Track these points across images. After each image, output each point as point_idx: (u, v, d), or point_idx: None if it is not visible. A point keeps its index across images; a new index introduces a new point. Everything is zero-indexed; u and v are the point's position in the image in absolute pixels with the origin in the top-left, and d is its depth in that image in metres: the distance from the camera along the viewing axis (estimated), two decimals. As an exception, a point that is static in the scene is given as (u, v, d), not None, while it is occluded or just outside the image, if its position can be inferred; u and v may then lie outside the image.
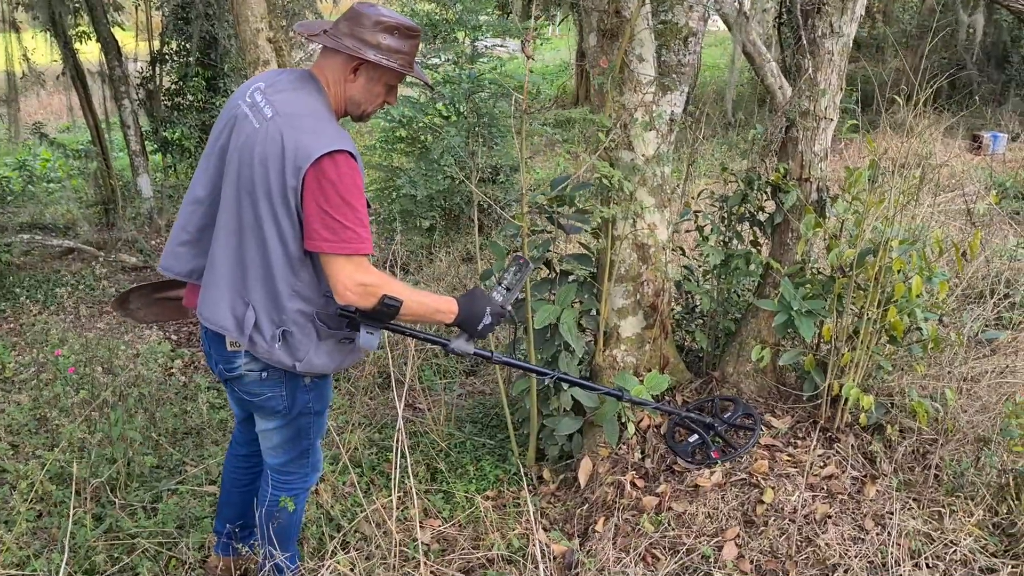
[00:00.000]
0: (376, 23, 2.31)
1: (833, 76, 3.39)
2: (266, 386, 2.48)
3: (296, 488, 2.75)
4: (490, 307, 2.54)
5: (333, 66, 2.36)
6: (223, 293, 2.35)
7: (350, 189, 2.18)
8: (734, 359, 3.70)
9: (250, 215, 2.26)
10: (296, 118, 2.23)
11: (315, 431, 2.68)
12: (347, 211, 2.17)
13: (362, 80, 2.37)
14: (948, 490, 2.96)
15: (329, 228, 2.18)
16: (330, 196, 2.16)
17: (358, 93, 2.39)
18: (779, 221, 3.58)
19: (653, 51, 3.31)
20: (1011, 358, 4.06)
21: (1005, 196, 8.02)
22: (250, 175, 2.24)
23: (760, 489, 3.08)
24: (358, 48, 2.30)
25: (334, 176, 2.16)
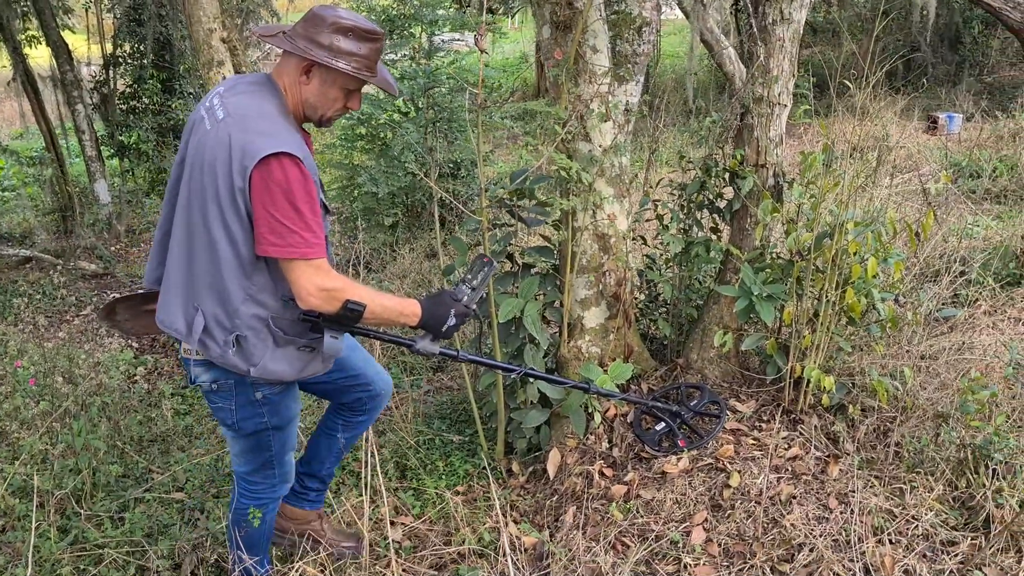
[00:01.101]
0: (330, 24, 2.25)
1: (785, 62, 3.42)
2: (217, 397, 2.46)
3: (263, 498, 2.72)
4: (454, 308, 2.52)
5: (289, 68, 2.32)
6: (176, 298, 2.34)
7: (297, 192, 2.15)
8: (697, 345, 3.73)
9: (199, 218, 2.24)
10: (246, 119, 2.20)
11: (277, 445, 2.64)
12: (293, 215, 2.15)
13: (315, 83, 2.31)
14: (909, 466, 3.01)
15: (275, 232, 2.15)
16: (276, 199, 2.13)
17: (312, 96, 2.34)
18: (737, 207, 3.62)
19: (607, 42, 3.32)
20: (968, 334, 4.14)
21: (960, 175, 8.15)
22: (200, 178, 2.22)
23: (726, 473, 3.11)
24: (308, 49, 2.25)
25: (280, 178, 2.13)
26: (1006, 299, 4.63)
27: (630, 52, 3.48)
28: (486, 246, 3.29)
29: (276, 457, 2.66)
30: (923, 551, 2.65)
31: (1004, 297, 4.63)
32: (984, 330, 4.26)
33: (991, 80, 12.64)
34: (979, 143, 9.14)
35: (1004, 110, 10.28)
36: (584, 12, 3.16)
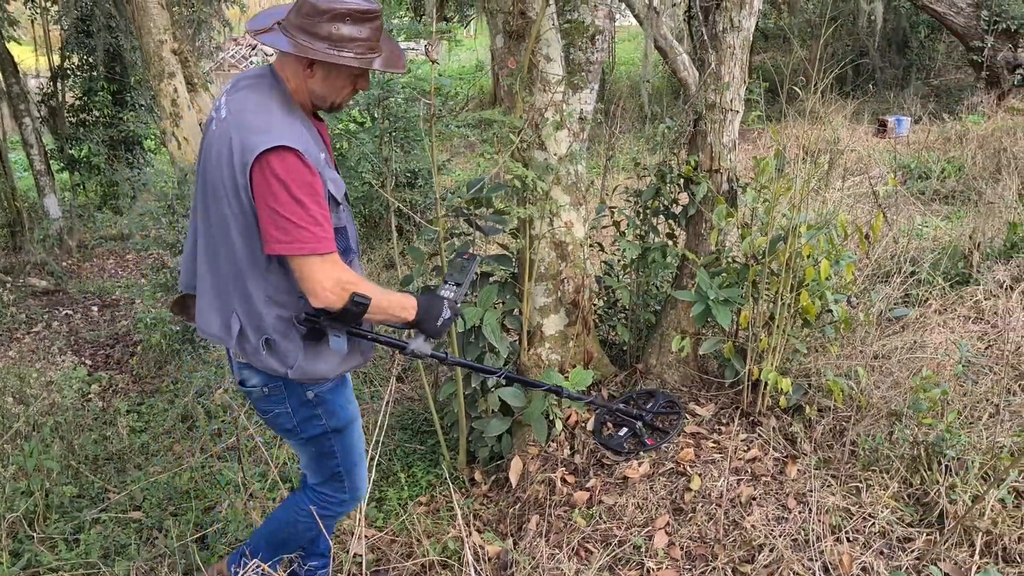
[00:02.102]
0: (325, 11, 2.11)
1: (736, 69, 3.47)
2: (272, 402, 2.39)
3: (327, 512, 2.61)
4: (446, 303, 2.45)
5: (290, 60, 2.21)
6: (210, 303, 2.29)
7: (300, 185, 2.06)
8: (656, 350, 3.76)
9: (217, 219, 2.19)
10: (244, 114, 2.13)
11: (343, 450, 2.54)
12: (297, 208, 2.05)
13: (320, 74, 2.21)
14: (864, 465, 3.06)
15: (280, 228, 2.06)
16: (278, 194, 2.05)
17: (319, 87, 2.23)
18: (692, 213, 3.66)
19: (560, 50, 3.34)
20: (919, 333, 4.22)
21: (910, 177, 8.32)
22: (212, 180, 2.17)
23: (687, 477, 3.13)
24: (308, 43, 2.12)
25: (281, 172, 2.04)
26: (955, 298, 4.73)
27: (584, 60, 3.51)
28: (442, 256, 3.28)
29: (343, 467, 2.55)
30: (880, 548, 2.69)
31: (954, 296, 4.73)
32: (935, 329, 4.35)
33: (937, 83, 12.94)
34: (927, 145, 9.34)
35: (951, 112, 10.53)
36: (537, 21, 3.17)
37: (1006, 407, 3.39)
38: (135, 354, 6.12)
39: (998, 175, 7.49)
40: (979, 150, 8.55)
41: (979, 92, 10.91)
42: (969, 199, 7.32)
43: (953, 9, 10.77)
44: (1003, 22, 10.40)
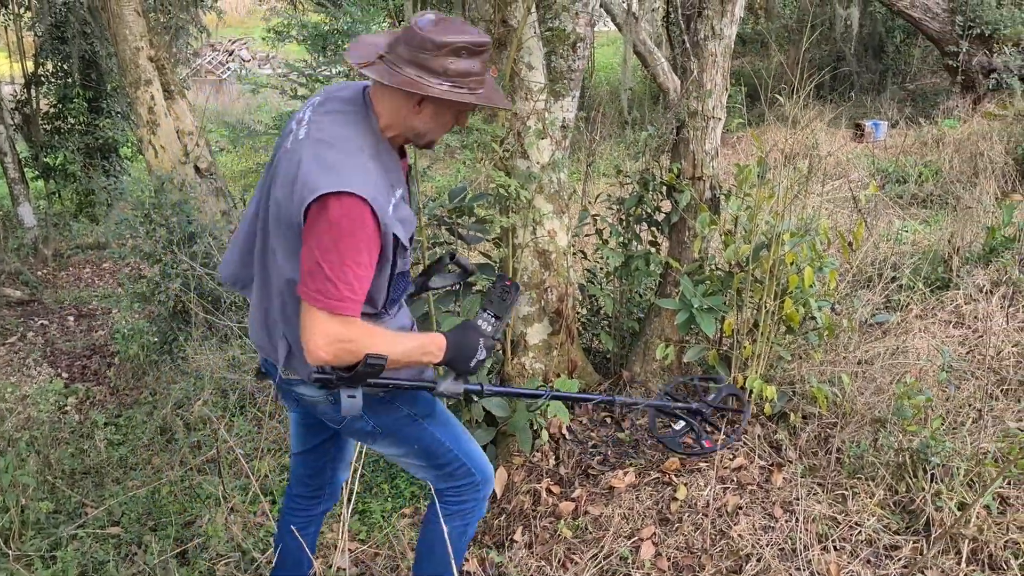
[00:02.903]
0: (441, 45, 1.93)
1: (718, 76, 3.47)
2: (339, 410, 2.15)
3: (468, 505, 2.42)
4: (483, 339, 2.21)
5: (392, 95, 2.02)
6: (259, 317, 2.17)
7: (349, 241, 1.90)
8: (640, 358, 3.75)
9: (273, 231, 2.05)
10: (321, 146, 1.96)
11: (446, 435, 2.34)
12: (333, 259, 1.89)
13: (428, 111, 2.04)
14: (849, 472, 3.05)
15: (310, 272, 1.92)
16: (322, 238, 1.90)
17: (423, 124, 2.07)
18: (675, 220, 3.65)
19: (542, 58, 3.32)
20: (901, 338, 4.23)
21: (888, 181, 8.38)
22: (275, 197, 2.03)
23: (673, 486, 3.12)
24: (422, 78, 1.94)
25: (335, 218, 1.88)
26: (936, 302, 4.75)
27: (565, 68, 3.50)
28: (424, 263, 3.25)
29: (457, 449, 2.34)
30: (867, 557, 2.69)
31: (934, 301, 4.75)
32: (916, 334, 4.37)
33: (913, 87, 13.04)
34: (904, 149, 9.41)
35: (927, 117, 10.61)
36: (518, 29, 3.16)
37: (989, 412, 3.40)
38: (112, 365, 6.04)
39: (975, 179, 7.56)
40: (956, 154, 8.62)
41: (954, 96, 11.00)
42: (947, 203, 7.38)
43: (928, 14, 10.87)
44: (977, 27, 10.50)
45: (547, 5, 3.39)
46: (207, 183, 7.14)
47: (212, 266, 5.55)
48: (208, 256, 5.60)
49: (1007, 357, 4.00)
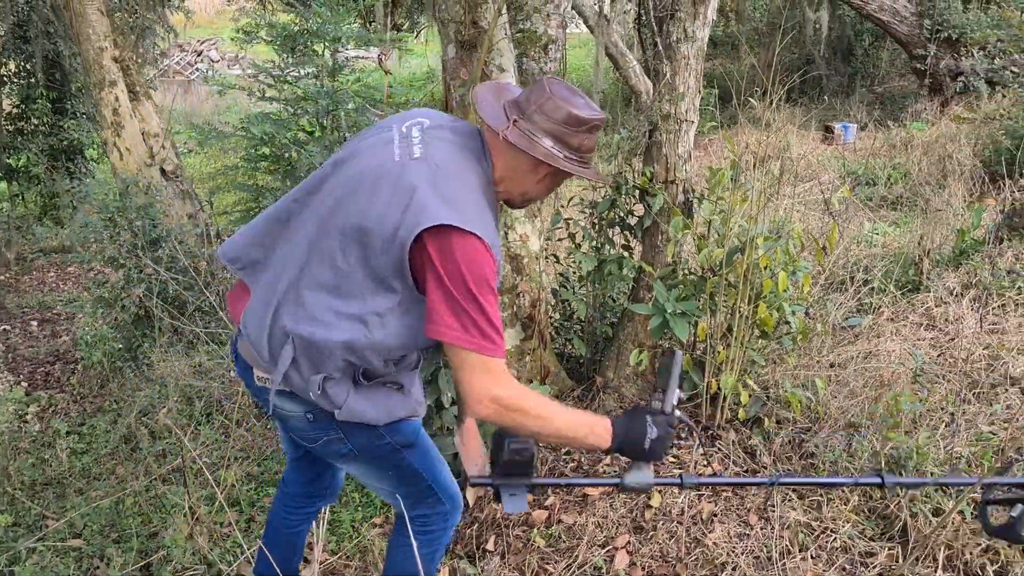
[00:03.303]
0: (583, 122, 1.94)
1: (691, 79, 3.44)
2: (318, 428, 2.09)
3: (435, 529, 2.35)
4: (651, 418, 2.01)
5: (517, 156, 1.96)
6: (266, 314, 2.00)
7: (479, 280, 1.81)
8: (613, 364, 3.71)
9: (335, 243, 1.92)
10: (444, 176, 1.87)
11: (422, 465, 2.25)
12: (473, 304, 1.80)
13: (548, 179, 2.03)
14: (825, 478, 3.04)
15: (456, 316, 1.81)
16: (455, 280, 1.80)
17: (535, 190, 2.06)
18: (648, 224, 3.61)
19: (513, 60, 3.27)
20: (873, 342, 4.24)
21: (858, 183, 8.43)
22: (357, 207, 1.90)
23: (647, 494, 3.08)
24: (559, 152, 1.93)
25: (461, 257, 1.79)
26: (907, 305, 4.77)
27: (537, 70, 3.46)
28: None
29: (430, 479, 2.27)
30: (843, 564, 2.67)
31: (905, 303, 4.76)
32: (889, 337, 4.37)
33: (882, 90, 13.17)
34: (873, 152, 9.48)
35: (895, 119, 10.70)
36: (489, 31, 3.11)
37: (961, 416, 3.40)
38: (75, 372, 5.91)
39: (944, 181, 7.62)
40: (924, 156, 8.70)
41: (923, 99, 11.11)
42: (916, 205, 7.43)
43: (897, 18, 10.97)
44: (945, 31, 10.61)
45: (518, 7, 3.35)
46: (173, 186, 7.02)
47: (177, 270, 5.45)
48: (173, 260, 5.49)
49: (978, 360, 4.02)
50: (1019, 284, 4.71)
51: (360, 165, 1.96)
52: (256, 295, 2.06)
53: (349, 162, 2.00)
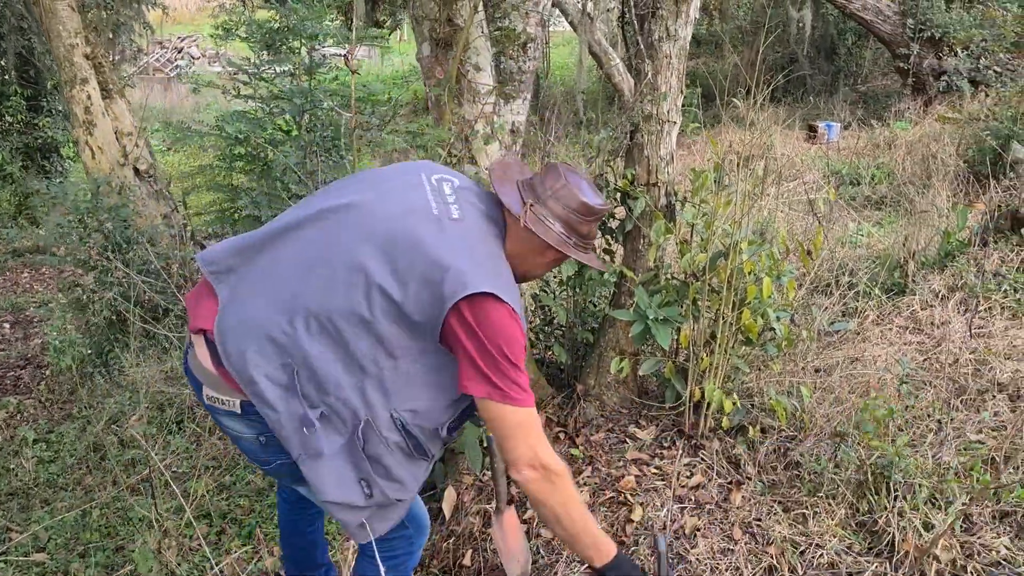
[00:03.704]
0: (594, 212, 2.05)
1: (673, 79, 3.35)
2: (271, 452, 2.01)
3: (399, 554, 2.27)
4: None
5: (532, 240, 2.02)
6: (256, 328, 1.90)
7: (512, 346, 1.84)
8: (595, 371, 3.62)
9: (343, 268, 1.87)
10: (478, 242, 1.91)
11: None
12: (512, 368, 1.84)
13: (551, 259, 2.11)
14: (810, 490, 2.95)
15: (497, 370, 1.83)
16: (492, 342, 1.81)
17: (538, 268, 2.14)
18: (630, 228, 3.52)
19: (490, 59, 3.17)
20: (859, 346, 4.17)
21: (842, 183, 8.38)
22: (391, 250, 1.85)
23: (629, 507, 2.99)
24: (568, 239, 2.03)
25: (497, 324, 1.82)
26: (892, 308, 4.71)
27: (515, 69, 3.35)
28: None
29: None
30: (829, 581, 2.58)
31: (891, 306, 4.70)
32: (874, 340, 4.31)
33: (865, 89, 13.14)
34: (857, 151, 9.44)
35: (879, 118, 10.67)
36: (465, 28, 3.01)
37: (949, 423, 3.33)
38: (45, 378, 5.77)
39: (927, 181, 7.58)
40: (908, 156, 8.66)
41: (906, 98, 11.09)
42: (899, 204, 7.39)
43: (880, 17, 10.94)
44: (928, 30, 10.58)
45: (496, 4, 3.24)
46: (147, 186, 6.86)
47: (149, 273, 5.31)
48: (146, 263, 5.36)
49: (964, 364, 3.95)
50: (1005, 287, 4.65)
51: (393, 217, 1.90)
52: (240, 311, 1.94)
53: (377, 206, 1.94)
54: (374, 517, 2.00)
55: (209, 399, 2.01)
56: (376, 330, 1.83)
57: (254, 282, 1.95)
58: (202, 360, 1.98)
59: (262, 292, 1.92)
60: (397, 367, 1.88)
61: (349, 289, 1.83)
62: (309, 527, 2.59)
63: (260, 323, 1.88)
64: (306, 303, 1.86)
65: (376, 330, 1.83)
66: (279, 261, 1.94)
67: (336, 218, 1.94)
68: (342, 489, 1.93)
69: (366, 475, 1.93)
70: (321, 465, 1.91)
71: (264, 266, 1.96)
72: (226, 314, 1.93)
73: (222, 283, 1.98)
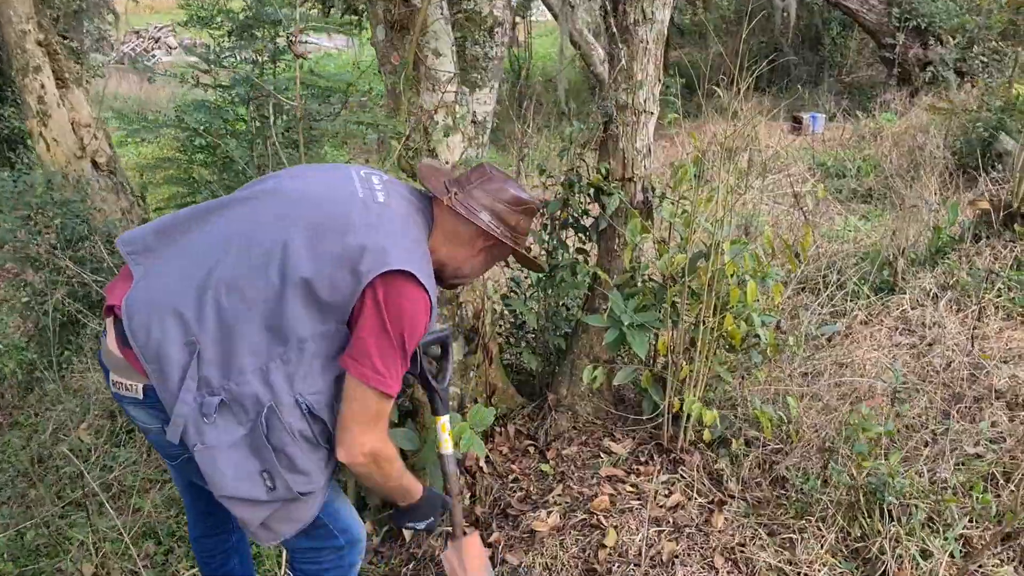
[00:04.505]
0: (522, 204, 2.05)
1: (650, 66, 3.10)
2: (182, 442, 1.85)
3: (327, 568, 2.11)
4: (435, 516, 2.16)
5: (457, 231, 2.02)
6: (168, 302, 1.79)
7: (412, 332, 1.81)
8: (567, 379, 3.37)
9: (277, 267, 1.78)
10: (402, 226, 1.89)
11: None
12: (400, 355, 1.81)
13: (482, 257, 2.08)
14: (797, 511, 2.72)
15: (383, 357, 1.78)
16: (395, 324, 1.78)
17: (472, 268, 2.10)
18: (604, 227, 3.27)
19: (451, 44, 2.91)
20: (847, 348, 3.96)
21: (827, 175, 8.17)
22: (312, 230, 1.79)
23: (602, 530, 2.75)
24: (498, 228, 2.01)
25: (406, 305, 1.79)
26: (881, 308, 4.49)
27: (481, 55, 3.10)
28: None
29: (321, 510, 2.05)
30: (819, 615, 2.36)
31: (880, 306, 4.49)
32: (863, 343, 4.10)
33: (850, 80, 12.94)
34: (842, 143, 9.23)
35: (864, 110, 10.47)
36: (422, 10, 2.75)
37: (944, 435, 3.12)
38: (-8, 384, 5.48)
39: (914, 173, 7.38)
40: (894, 148, 8.46)
41: (891, 89, 10.89)
42: (886, 197, 7.19)
43: (865, 6, 10.73)
44: (913, 20, 10.37)
45: (458, -17, 2.99)
46: (105, 179, 6.56)
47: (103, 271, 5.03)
48: (100, 261, 5.07)
49: (958, 368, 3.75)
50: (999, 286, 4.45)
51: (321, 193, 1.90)
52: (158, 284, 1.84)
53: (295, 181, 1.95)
54: (278, 516, 1.89)
55: (115, 385, 1.89)
56: (287, 310, 1.77)
57: (169, 259, 1.87)
58: (109, 343, 1.89)
59: (176, 268, 1.85)
60: (303, 350, 1.80)
61: (265, 266, 1.78)
62: (227, 563, 2.41)
63: (169, 298, 1.80)
64: (219, 279, 1.78)
65: (287, 310, 1.77)
66: (198, 240, 1.88)
67: (261, 200, 1.91)
68: (242, 482, 1.82)
69: (269, 467, 1.82)
70: (219, 456, 1.80)
71: (183, 244, 1.89)
72: (136, 290, 1.84)
73: (138, 264, 1.89)
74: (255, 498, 1.83)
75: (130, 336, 1.79)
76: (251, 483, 1.82)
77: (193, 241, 1.88)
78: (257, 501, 1.84)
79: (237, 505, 1.84)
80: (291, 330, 1.78)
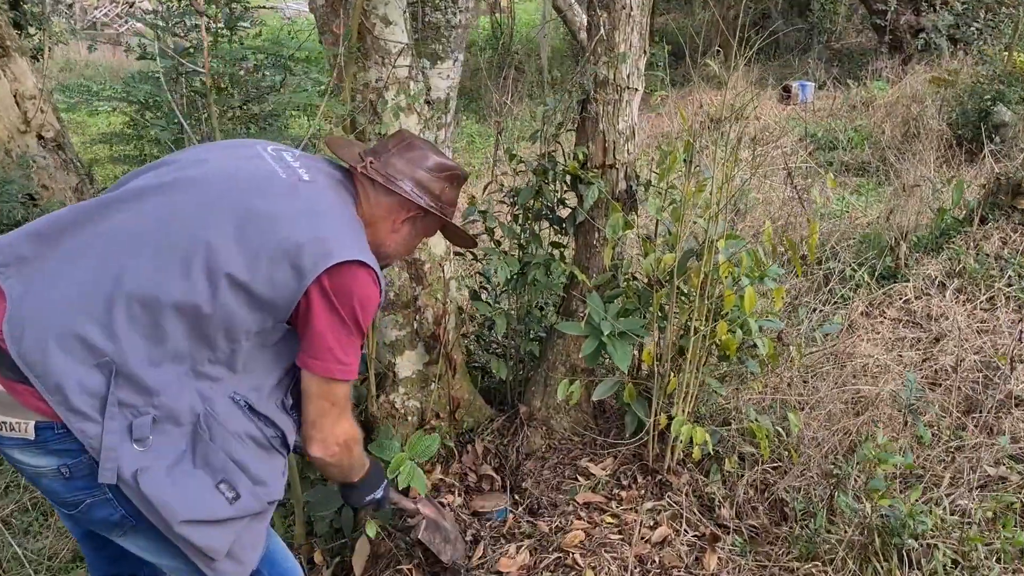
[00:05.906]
0: (444, 170, 1.95)
1: (634, 35, 2.71)
2: (78, 488, 1.60)
3: None
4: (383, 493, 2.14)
5: (378, 205, 1.89)
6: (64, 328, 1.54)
7: (366, 310, 1.72)
8: (541, 390, 3.01)
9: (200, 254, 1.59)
10: (333, 204, 1.77)
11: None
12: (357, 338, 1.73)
13: (407, 229, 1.96)
14: (802, 552, 2.39)
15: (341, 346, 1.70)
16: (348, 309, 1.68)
17: (395, 244, 1.96)
18: (582, 220, 2.89)
19: (403, 10, 2.49)
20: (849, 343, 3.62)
21: (818, 147, 7.82)
22: (239, 225, 1.62)
23: (578, 571, 2.41)
24: (421, 197, 1.90)
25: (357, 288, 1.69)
26: (883, 297, 4.16)
27: (443, 23, 2.71)
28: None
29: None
30: None
31: (882, 295, 4.15)
32: (866, 337, 3.77)
33: (839, 47, 12.56)
34: (833, 112, 8.87)
35: (855, 78, 10.09)
36: (368, -30, 2.34)
37: (959, 451, 2.80)
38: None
39: (908, 145, 7.03)
40: (887, 118, 8.10)
41: (882, 57, 10.50)
42: (880, 171, 6.84)
43: (857, -31, 10.32)
44: (907, -16, 9.98)
45: (412, -61, 2.58)
46: (54, 155, 6.11)
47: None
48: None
49: (970, 368, 3.43)
50: (1009, 273, 4.12)
51: (235, 180, 1.70)
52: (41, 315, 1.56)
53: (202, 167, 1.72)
54: (245, 540, 1.71)
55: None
56: (216, 312, 1.60)
57: (57, 269, 1.61)
58: None
59: (70, 278, 1.60)
60: (236, 350, 1.67)
61: (186, 267, 1.58)
62: None
63: (68, 314, 1.56)
64: (131, 285, 1.57)
65: (216, 312, 1.60)
66: (94, 243, 1.63)
67: (167, 191, 1.67)
68: (199, 501, 1.62)
69: (224, 475, 1.66)
70: (165, 479, 1.59)
71: (71, 249, 1.63)
72: (18, 309, 1.56)
73: (10, 278, 1.61)
74: (217, 516, 1.64)
75: (21, 364, 1.52)
76: (210, 497, 1.63)
77: (87, 244, 1.62)
78: (220, 520, 1.65)
79: (198, 531, 1.62)
80: (221, 332, 1.63)
